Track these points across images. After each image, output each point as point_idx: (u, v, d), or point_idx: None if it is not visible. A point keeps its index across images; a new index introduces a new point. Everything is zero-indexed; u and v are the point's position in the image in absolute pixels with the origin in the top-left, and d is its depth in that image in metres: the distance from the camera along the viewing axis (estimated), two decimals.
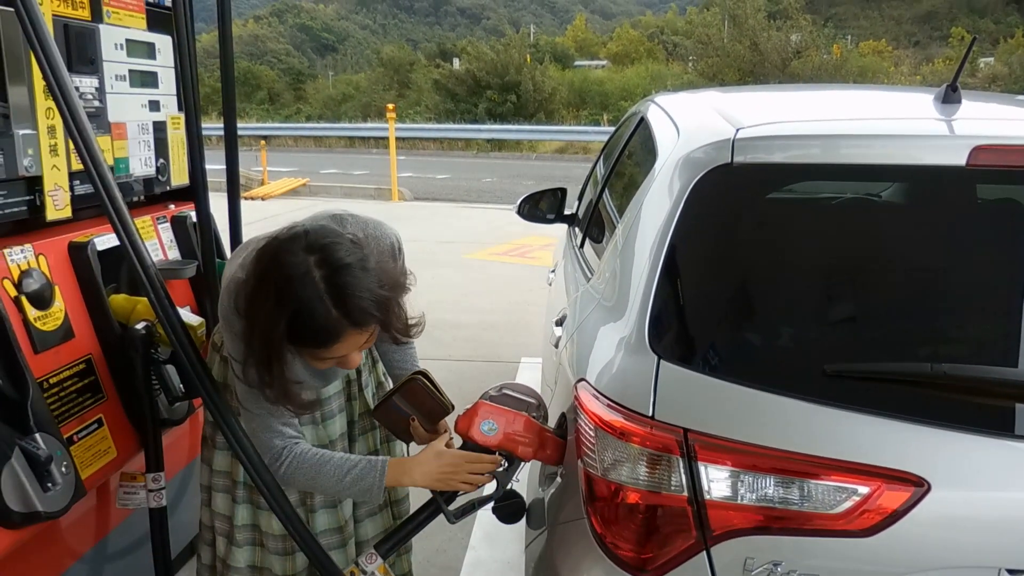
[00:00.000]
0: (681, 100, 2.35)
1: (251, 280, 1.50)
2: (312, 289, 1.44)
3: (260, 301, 1.46)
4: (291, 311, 1.44)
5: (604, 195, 2.69)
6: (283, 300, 1.44)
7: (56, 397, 1.76)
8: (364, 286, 1.47)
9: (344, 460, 1.68)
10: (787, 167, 1.60)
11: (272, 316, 1.45)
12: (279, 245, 1.49)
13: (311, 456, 1.67)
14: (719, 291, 1.54)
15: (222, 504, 1.85)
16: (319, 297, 1.44)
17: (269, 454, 1.65)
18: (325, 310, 1.44)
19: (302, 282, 1.44)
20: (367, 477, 1.66)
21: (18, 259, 1.74)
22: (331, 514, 1.88)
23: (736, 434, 1.35)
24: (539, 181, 15.38)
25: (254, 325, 1.48)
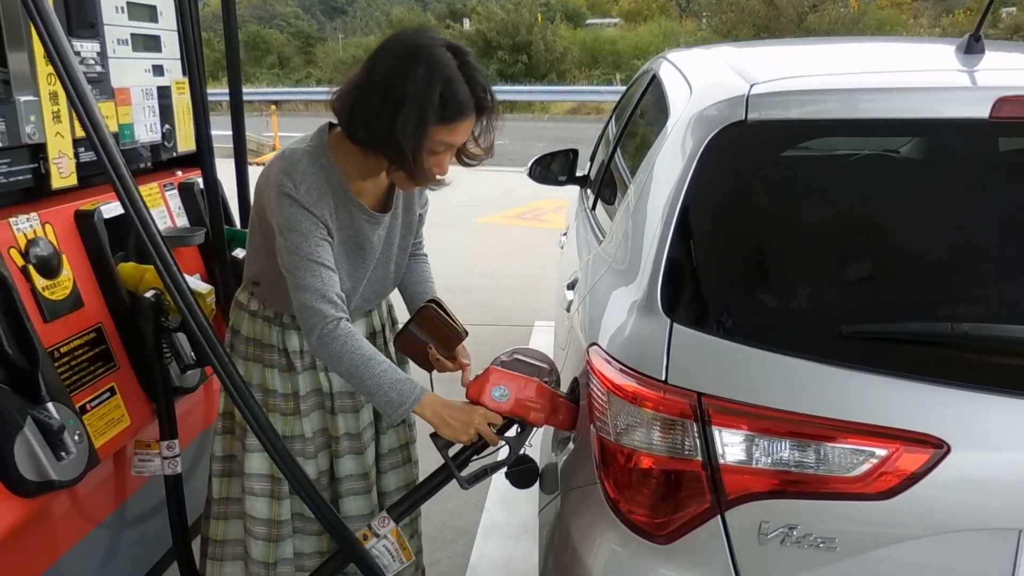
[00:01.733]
0: (694, 57, 2.30)
1: (387, 61, 1.60)
2: (451, 68, 1.60)
3: (410, 75, 1.57)
4: (443, 81, 1.58)
5: (616, 156, 2.65)
6: (433, 71, 1.58)
7: (67, 366, 1.76)
8: (483, 74, 1.66)
9: (391, 367, 1.67)
10: (803, 123, 1.55)
11: (427, 85, 1.57)
12: (410, 35, 1.65)
13: (361, 343, 1.66)
14: (733, 252, 1.51)
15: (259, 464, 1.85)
16: (455, 76, 1.60)
17: (322, 323, 1.64)
18: (461, 85, 1.60)
19: (444, 61, 1.60)
20: (405, 394, 1.66)
21: (24, 228, 1.73)
22: (357, 460, 1.91)
23: (751, 398, 1.32)
24: (551, 143, 15.23)
25: (401, 101, 1.57)
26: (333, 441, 1.90)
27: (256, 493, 1.87)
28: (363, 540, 1.71)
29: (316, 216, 1.65)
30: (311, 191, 1.65)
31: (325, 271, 1.66)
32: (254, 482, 1.87)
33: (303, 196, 1.64)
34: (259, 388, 1.85)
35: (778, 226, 1.51)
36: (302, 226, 1.64)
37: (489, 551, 2.81)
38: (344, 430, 1.90)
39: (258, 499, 1.87)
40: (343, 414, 1.90)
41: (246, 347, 1.85)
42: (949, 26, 24.69)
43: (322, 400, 1.89)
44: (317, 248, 1.65)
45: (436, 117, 1.58)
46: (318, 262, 1.65)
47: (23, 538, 1.72)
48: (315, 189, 1.66)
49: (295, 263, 1.65)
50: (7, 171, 1.74)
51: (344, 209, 1.73)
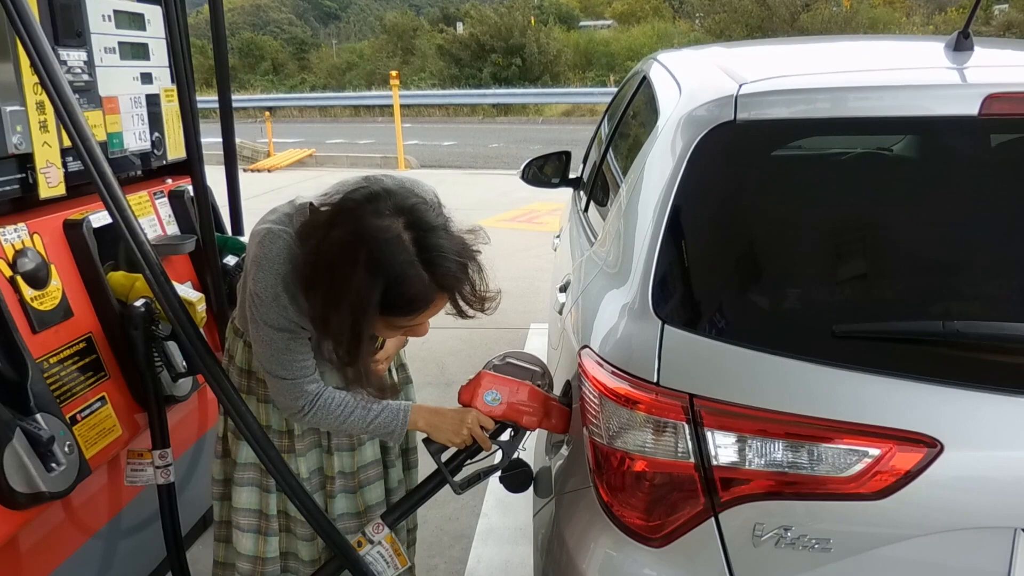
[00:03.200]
0: (684, 57, 2.30)
1: (330, 248, 1.39)
2: (405, 254, 1.38)
3: (347, 269, 1.37)
4: (387, 278, 1.37)
5: (607, 157, 2.64)
6: (377, 267, 1.36)
7: (57, 377, 1.75)
8: (451, 249, 1.43)
9: (368, 408, 1.65)
10: (793, 123, 1.55)
11: (366, 284, 1.36)
12: (359, 207, 1.40)
13: (334, 404, 1.62)
14: (724, 253, 1.50)
15: (247, 498, 1.82)
16: (411, 262, 1.38)
17: (293, 411, 1.62)
18: (418, 275, 1.39)
19: (395, 246, 1.37)
20: (391, 423, 1.65)
21: (12, 239, 1.72)
22: (350, 499, 1.87)
23: (743, 399, 1.31)
24: (546, 145, 15.24)
25: (341, 296, 1.38)
26: (328, 481, 1.85)
27: (243, 528, 1.82)
28: (357, 547, 1.71)
29: (286, 318, 1.53)
30: (281, 294, 1.50)
31: (296, 366, 1.58)
32: (241, 517, 1.82)
33: (274, 297, 1.51)
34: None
35: (769, 226, 1.51)
36: (277, 324, 1.52)
37: (486, 555, 2.80)
38: (339, 468, 1.84)
39: (244, 534, 1.83)
40: (339, 452, 1.84)
41: (240, 378, 1.77)
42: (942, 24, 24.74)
43: (319, 438, 1.83)
44: (289, 344, 1.56)
45: (381, 308, 1.41)
46: (290, 360, 1.57)
47: (16, 550, 1.71)
48: (287, 292, 1.51)
49: (267, 357, 1.57)
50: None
51: None
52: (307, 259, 1.44)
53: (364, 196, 1.43)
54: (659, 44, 25.98)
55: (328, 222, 1.42)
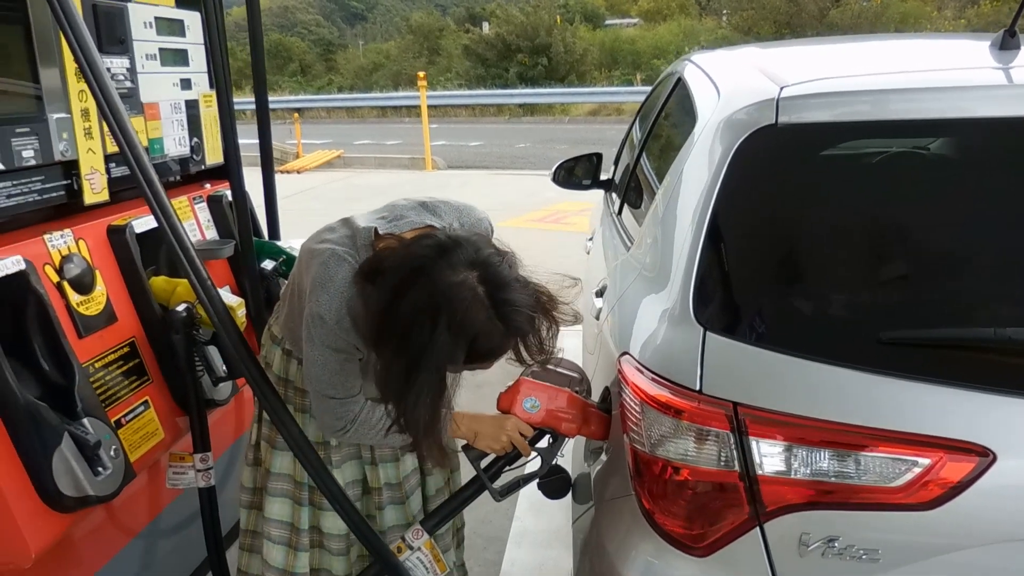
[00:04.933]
0: (719, 58, 2.28)
1: (409, 311, 1.37)
2: (484, 311, 1.38)
3: (427, 334, 1.36)
4: (468, 337, 1.37)
5: (642, 160, 2.63)
6: (460, 328, 1.36)
7: (102, 381, 1.78)
8: (524, 301, 1.43)
9: None
10: (835, 126, 1.53)
11: (448, 345, 1.36)
12: (432, 265, 1.39)
13: (376, 419, 1.61)
14: (766, 258, 1.49)
15: (279, 510, 1.82)
16: (490, 319, 1.38)
17: (334, 430, 1.63)
18: (496, 330, 1.39)
19: (475, 306, 1.37)
20: None
21: (58, 244, 1.75)
22: (399, 510, 1.86)
23: (788, 407, 1.30)
24: (573, 145, 15.21)
25: (419, 357, 1.37)
26: (375, 493, 1.84)
27: (274, 540, 1.82)
28: (397, 553, 1.71)
29: (345, 340, 1.53)
30: (345, 317, 1.50)
31: (349, 385, 1.60)
32: (272, 527, 1.82)
33: (337, 318, 1.50)
34: None
35: (811, 231, 1.49)
36: (331, 343, 1.53)
37: (520, 558, 2.79)
38: (384, 480, 1.83)
39: (275, 546, 1.82)
40: (383, 464, 1.83)
41: (276, 386, 1.75)
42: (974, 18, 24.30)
43: (359, 449, 1.82)
44: (342, 365, 1.56)
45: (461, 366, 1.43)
46: (341, 382, 1.58)
47: (63, 552, 1.74)
48: (351, 313, 1.51)
49: (317, 376, 1.57)
50: (41, 188, 1.76)
51: None
52: (381, 317, 1.42)
53: (435, 250, 1.41)
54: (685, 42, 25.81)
55: (402, 281, 1.40)
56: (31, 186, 1.73)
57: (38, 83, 1.72)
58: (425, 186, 10.17)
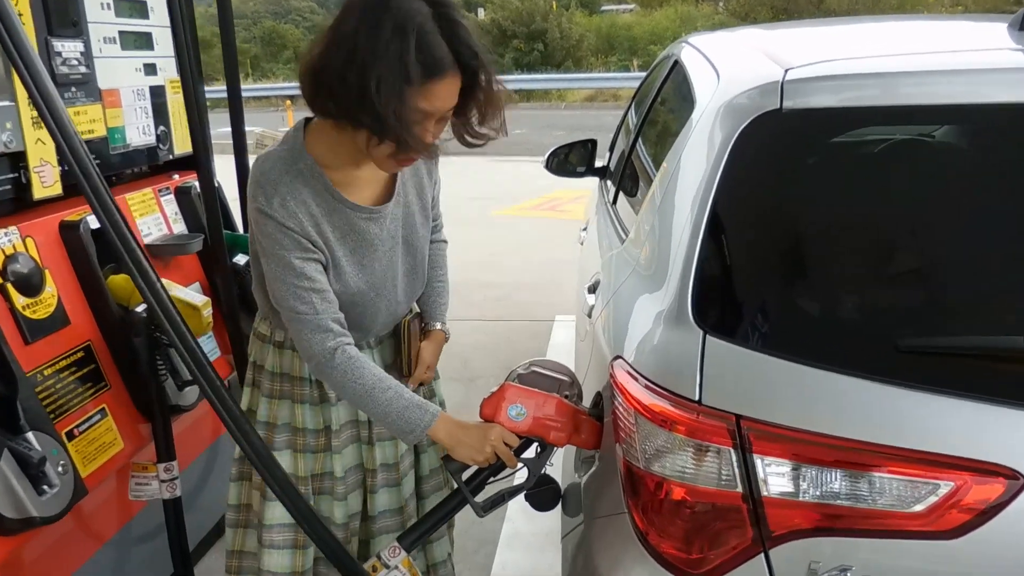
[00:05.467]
0: (718, 40, 2.15)
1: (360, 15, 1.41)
2: (425, 19, 1.41)
3: (378, 31, 1.39)
4: (414, 33, 1.39)
5: (637, 147, 2.50)
6: (405, 25, 1.39)
7: (52, 390, 1.64)
8: (465, 28, 1.47)
9: (397, 394, 1.53)
10: (844, 112, 1.40)
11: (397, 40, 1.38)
12: None
13: (363, 371, 1.52)
14: (772, 255, 1.36)
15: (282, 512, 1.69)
16: (433, 31, 1.41)
17: (319, 356, 1.51)
18: (436, 40, 1.41)
19: (416, 10, 1.41)
20: (416, 421, 1.54)
21: (1, 243, 1.61)
22: (393, 493, 1.79)
23: (796, 421, 1.18)
24: (570, 131, 15.04)
25: (373, 56, 1.38)
26: (368, 475, 1.76)
27: (277, 546, 1.71)
28: (372, 572, 1.59)
29: (295, 232, 1.48)
30: (286, 203, 1.48)
31: (315, 296, 1.50)
32: (275, 533, 1.71)
33: (277, 210, 1.47)
34: (287, 427, 1.70)
35: (821, 225, 1.36)
36: (282, 244, 1.48)
37: (511, 561, 2.69)
38: (381, 460, 1.75)
39: (279, 551, 1.72)
40: (380, 443, 1.75)
41: (272, 383, 1.69)
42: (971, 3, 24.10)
43: (358, 431, 1.74)
44: (303, 269, 1.49)
45: (406, 77, 1.39)
46: (306, 288, 1.50)
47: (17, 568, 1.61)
48: (292, 199, 1.48)
49: (281, 292, 1.50)
50: None
51: (339, 215, 1.56)
52: (328, 38, 1.45)
53: None
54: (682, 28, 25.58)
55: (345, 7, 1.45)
56: None
57: None
58: None
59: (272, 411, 1.70)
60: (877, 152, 1.48)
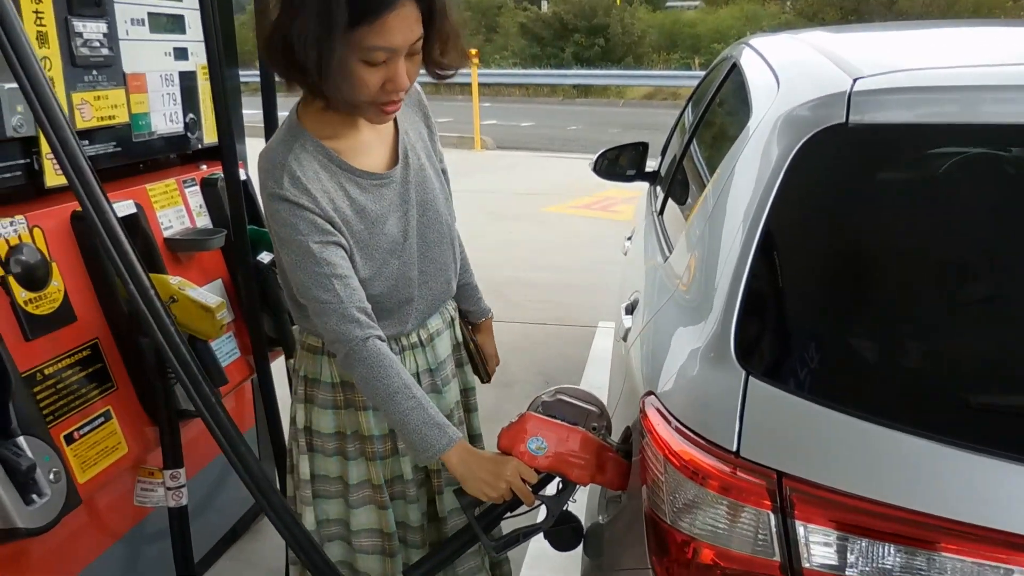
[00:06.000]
0: (780, 42, 1.99)
1: None
2: None
3: None
4: None
5: (688, 156, 2.34)
6: None
7: (52, 390, 1.56)
8: None
9: (419, 406, 1.43)
10: (919, 129, 1.25)
11: None
12: None
13: (389, 372, 1.42)
14: (828, 289, 1.22)
15: (367, 519, 1.67)
16: None
17: (348, 345, 1.42)
18: None
19: None
20: (432, 442, 1.43)
21: (6, 233, 1.53)
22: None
23: (847, 483, 1.03)
24: (625, 129, 14.82)
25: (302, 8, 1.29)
26: (433, 475, 1.69)
27: (367, 551, 1.67)
28: None
29: (312, 210, 1.41)
30: (296, 180, 1.41)
31: (339, 282, 1.42)
32: (363, 539, 1.67)
33: (288, 189, 1.40)
34: (356, 436, 1.62)
35: (887, 258, 1.21)
36: (300, 228, 1.40)
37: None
38: None
39: (369, 557, 1.67)
40: None
41: (334, 394, 1.61)
42: None
43: None
44: (323, 255, 1.41)
45: (346, 17, 1.28)
46: (328, 274, 1.41)
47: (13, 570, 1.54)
48: (301, 175, 1.41)
49: (303, 281, 1.42)
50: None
51: (350, 185, 1.48)
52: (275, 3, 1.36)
53: None
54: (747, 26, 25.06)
55: None
56: None
57: None
58: (471, 166, 9.92)
59: (340, 421, 1.63)
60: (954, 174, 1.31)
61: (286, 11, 1.32)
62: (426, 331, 1.65)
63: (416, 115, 1.64)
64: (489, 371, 1.93)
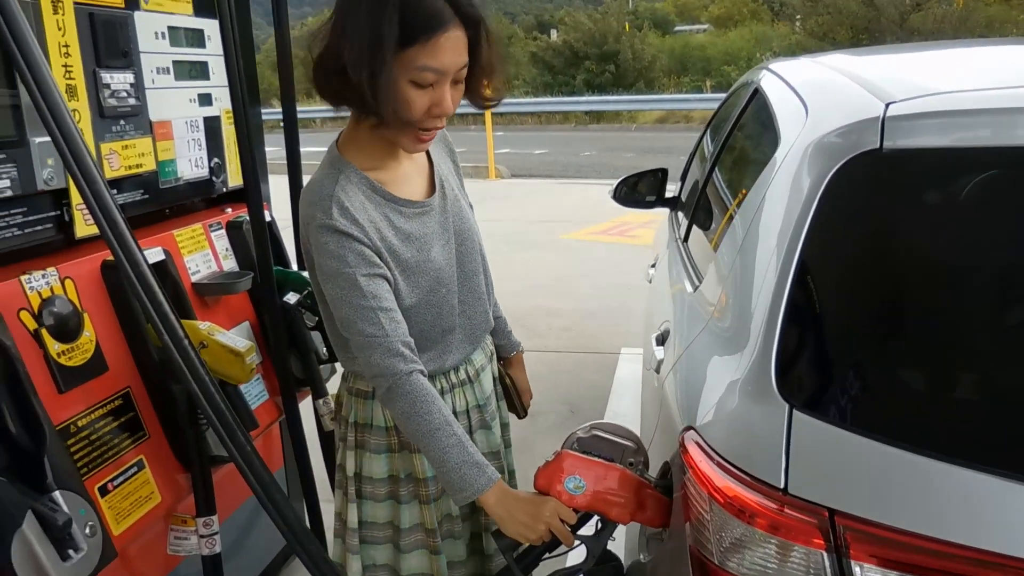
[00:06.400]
0: (803, 67, 1.98)
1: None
2: None
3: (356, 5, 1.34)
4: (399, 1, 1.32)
5: (712, 183, 2.33)
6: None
7: (86, 441, 1.55)
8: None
9: (459, 444, 1.42)
10: (955, 152, 1.23)
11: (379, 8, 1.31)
12: None
13: (431, 408, 1.41)
14: (870, 319, 1.19)
15: (418, 563, 1.66)
16: None
17: (392, 378, 1.41)
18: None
19: None
20: (471, 481, 1.42)
21: (38, 285, 1.54)
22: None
23: (904, 521, 1.00)
24: (639, 153, 14.85)
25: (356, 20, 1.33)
26: (480, 510, 1.67)
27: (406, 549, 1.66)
28: None
29: (360, 240, 1.41)
30: (345, 210, 1.41)
31: (384, 315, 1.41)
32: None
33: (338, 219, 1.40)
34: (411, 479, 1.61)
35: (931, 285, 1.19)
36: (347, 261, 1.40)
37: None
38: None
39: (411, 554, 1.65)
40: None
41: (387, 439, 1.60)
42: None
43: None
44: (369, 288, 1.40)
45: (398, 36, 1.31)
46: (375, 307, 1.41)
47: None
48: (349, 204, 1.42)
49: (348, 315, 1.41)
50: (22, 222, 1.56)
51: (393, 215, 1.49)
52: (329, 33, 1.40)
53: None
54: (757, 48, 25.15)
55: None
56: (9, 220, 1.53)
57: (17, 101, 1.51)
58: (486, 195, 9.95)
59: (393, 465, 1.62)
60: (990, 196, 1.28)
61: (337, 34, 1.36)
62: (472, 367, 1.66)
63: (443, 150, 1.67)
64: (525, 405, 1.92)
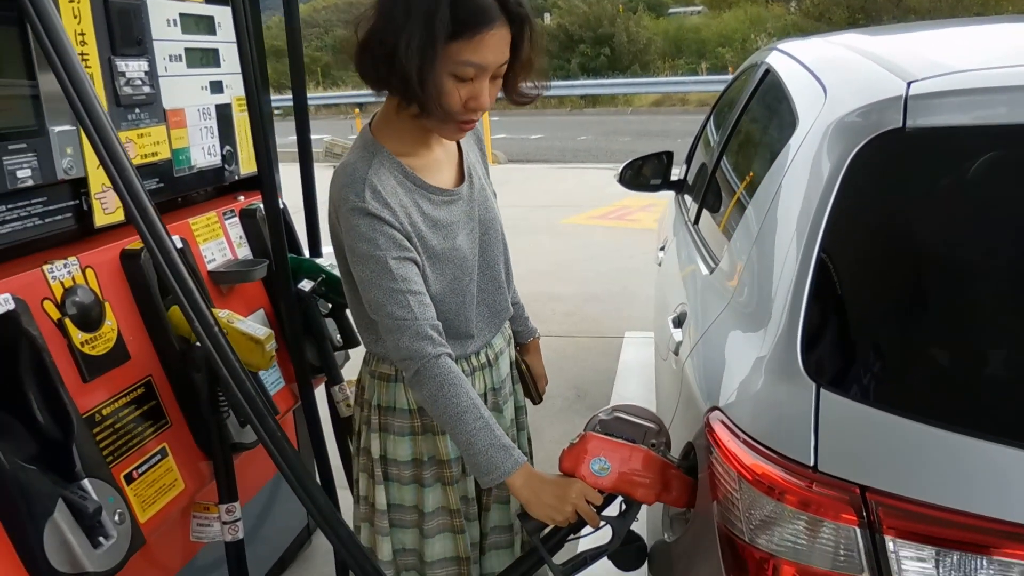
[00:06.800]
0: (816, 47, 1.97)
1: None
2: None
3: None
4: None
5: (723, 165, 2.33)
6: None
7: (111, 430, 1.56)
8: None
9: (486, 427, 1.43)
10: (980, 131, 1.23)
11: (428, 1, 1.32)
12: None
13: (459, 391, 1.43)
14: (895, 297, 1.20)
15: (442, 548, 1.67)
16: None
17: (420, 361, 1.42)
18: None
19: None
20: (499, 463, 1.43)
21: (60, 275, 1.54)
22: (503, 511, 1.74)
23: (936, 496, 1.01)
24: (636, 137, 14.83)
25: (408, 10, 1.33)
26: (484, 494, 1.70)
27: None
28: None
29: (391, 224, 1.42)
30: (377, 193, 1.43)
31: (414, 299, 1.43)
32: (438, 569, 1.67)
33: (370, 202, 1.41)
34: (434, 461, 1.63)
35: (960, 261, 1.19)
36: (378, 244, 1.41)
37: None
38: None
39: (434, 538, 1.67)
40: None
41: (411, 421, 1.61)
42: None
43: None
44: (399, 271, 1.42)
45: (449, 29, 1.32)
46: (404, 290, 1.42)
47: None
48: (381, 188, 1.43)
49: (378, 298, 1.43)
50: (42, 211, 1.56)
51: (424, 201, 1.50)
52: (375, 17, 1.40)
53: None
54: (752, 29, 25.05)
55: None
56: (30, 210, 1.53)
57: (36, 91, 1.51)
58: None
59: (417, 448, 1.63)
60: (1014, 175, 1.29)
61: (388, 19, 1.36)
62: (492, 351, 1.67)
63: (471, 138, 1.67)
64: (540, 391, 1.93)
